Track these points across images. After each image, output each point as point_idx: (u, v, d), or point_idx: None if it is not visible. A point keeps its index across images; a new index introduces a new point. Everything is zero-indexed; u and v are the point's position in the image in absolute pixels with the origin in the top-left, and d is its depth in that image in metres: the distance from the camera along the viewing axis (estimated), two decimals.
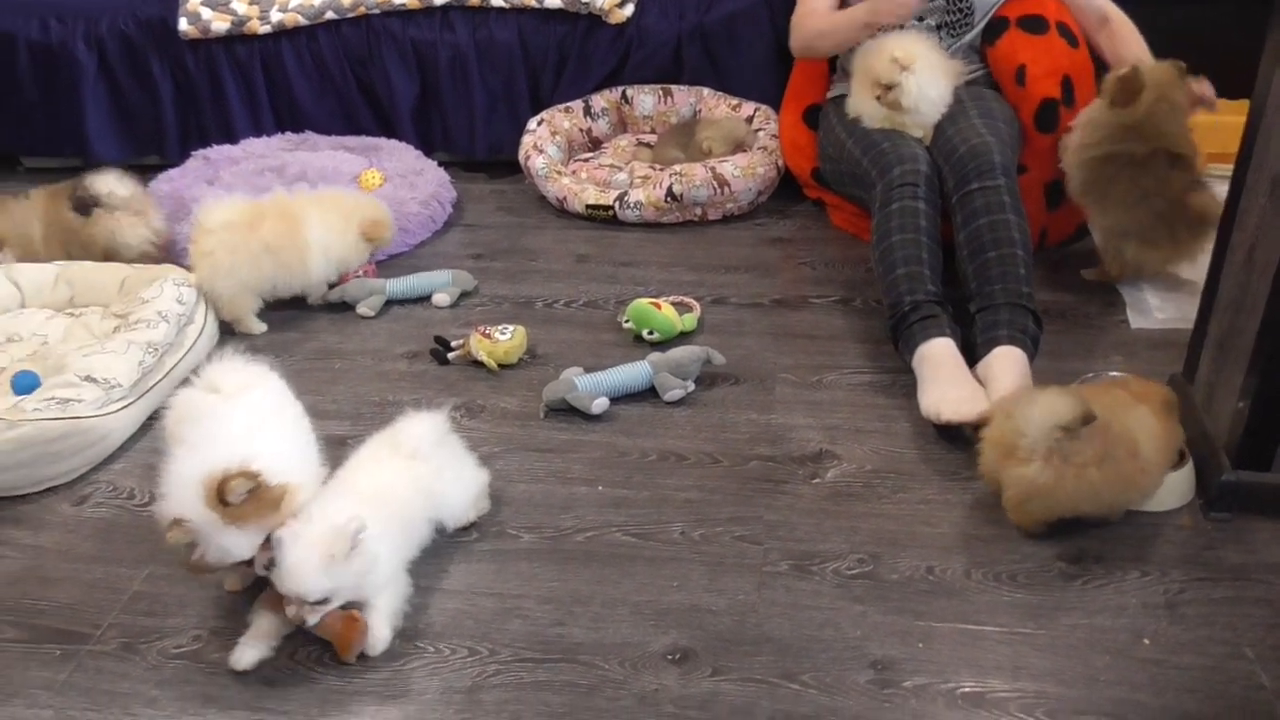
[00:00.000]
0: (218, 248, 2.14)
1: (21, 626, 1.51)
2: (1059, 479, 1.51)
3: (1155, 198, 2.09)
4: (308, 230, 2.22)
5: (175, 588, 1.56)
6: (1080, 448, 1.50)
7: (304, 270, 2.23)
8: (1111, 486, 1.54)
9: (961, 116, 2.18)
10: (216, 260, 2.14)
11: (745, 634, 1.44)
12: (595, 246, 2.56)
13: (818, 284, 2.35)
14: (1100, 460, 1.51)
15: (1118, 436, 1.53)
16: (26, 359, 2.03)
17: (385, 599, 1.44)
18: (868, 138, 2.24)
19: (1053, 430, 1.50)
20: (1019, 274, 1.95)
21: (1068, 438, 1.50)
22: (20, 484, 1.76)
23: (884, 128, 2.24)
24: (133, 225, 2.39)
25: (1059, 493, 1.52)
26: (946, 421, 1.77)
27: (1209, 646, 1.41)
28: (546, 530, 1.65)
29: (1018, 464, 1.54)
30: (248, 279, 2.18)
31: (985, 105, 2.22)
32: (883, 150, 2.17)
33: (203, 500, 1.34)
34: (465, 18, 2.88)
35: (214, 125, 3.01)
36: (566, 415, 1.92)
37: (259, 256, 2.17)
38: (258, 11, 2.90)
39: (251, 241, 2.15)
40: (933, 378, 1.84)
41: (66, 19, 2.94)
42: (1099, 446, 1.51)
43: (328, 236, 2.26)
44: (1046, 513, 1.56)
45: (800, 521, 1.65)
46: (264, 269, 2.18)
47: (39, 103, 3.02)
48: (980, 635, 1.43)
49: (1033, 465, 1.52)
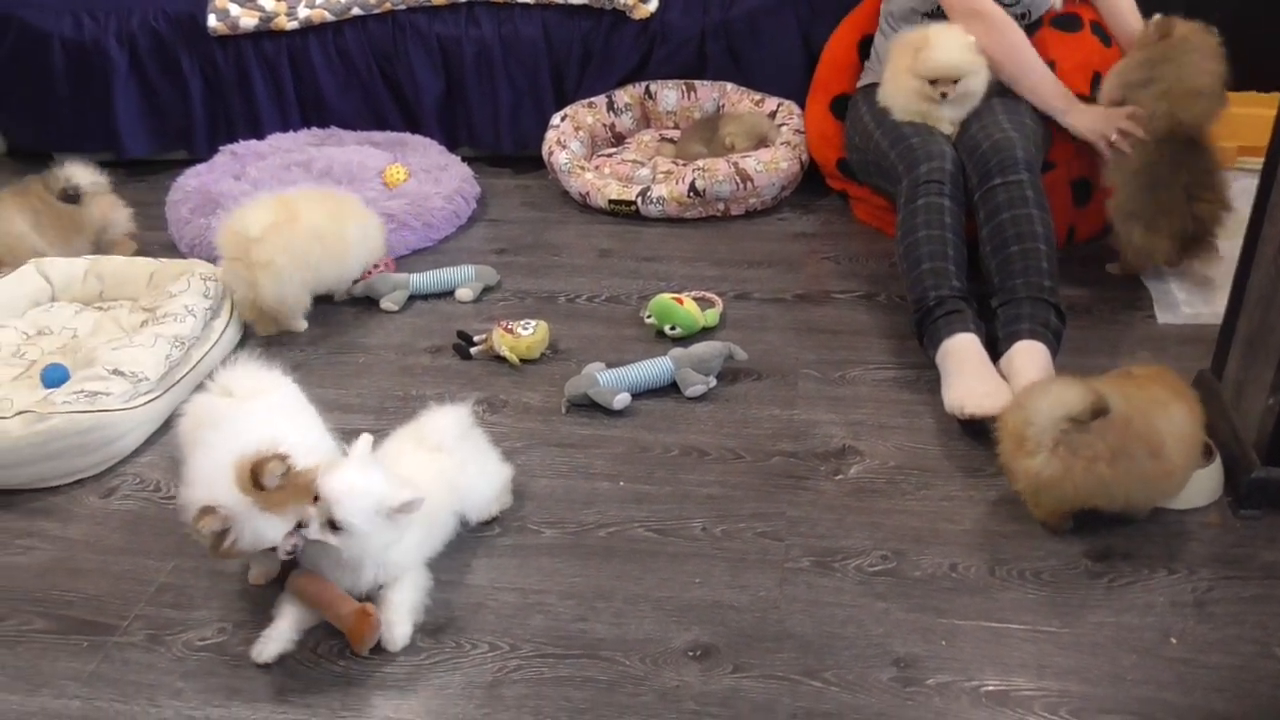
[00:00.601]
0: (274, 254, 2.08)
1: (50, 617, 1.53)
2: (1066, 471, 1.48)
3: (1163, 189, 2.07)
4: (348, 224, 2.23)
5: (201, 580, 1.58)
6: (1090, 441, 1.47)
7: (345, 259, 2.24)
8: (1125, 484, 1.50)
9: (987, 113, 2.16)
10: (278, 267, 2.09)
11: (767, 631, 1.44)
12: (618, 241, 2.56)
13: (841, 279, 2.34)
14: (1113, 456, 1.47)
15: (1138, 434, 1.49)
16: (56, 352, 2.06)
17: (405, 594, 1.45)
18: (896, 130, 2.22)
19: (1059, 421, 1.47)
20: (1041, 268, 1.93)
21: (1076, 429, 1.47)
22: (50, 476, 1.78)
23: (914, 121, 2.21)
24: (115, 207, 2.54)
25: (1066, 485, 1.49)
26: (970, 415, 1.75)
27: (1238, 645, 1.39)
28: (569, 525, 1.66)
29: (1025, 455, 1.51)
30: (304, 275, 2.16)
31: (1011, 102, 2.20)
32: (911, 145, 2.15)
33: (236, 485, 1.35)
34: (490, 13, 2.88)
35: (241, 120, 3.03)
36: (588, 410, 1.92)
37: (309, 247, 2.14)
38: (285, 8, 2.92)
39: (298, 236, 2.12)
40: (957, 372, 1.83)
41: (99, 16, 2.97)
42: (1113, 441, 1.47)
43: (362, 233, 2.27)
44: (1059, 506, 1.54)
45: (822, 518, 1.64)
46: (313, 258, 2.16)
47: (70, 99, 3.05)
48: (1004, 633, 1.42)
49: (1039, 457, 1.49)
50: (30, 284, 2.27)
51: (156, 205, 2.69)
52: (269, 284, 2.10)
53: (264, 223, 2.11)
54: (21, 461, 1.74)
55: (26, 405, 1.77)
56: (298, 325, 2.23)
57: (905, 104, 2.23)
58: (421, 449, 1.57)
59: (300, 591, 1.44)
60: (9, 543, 1.68)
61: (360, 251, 2.29)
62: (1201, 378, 1.78)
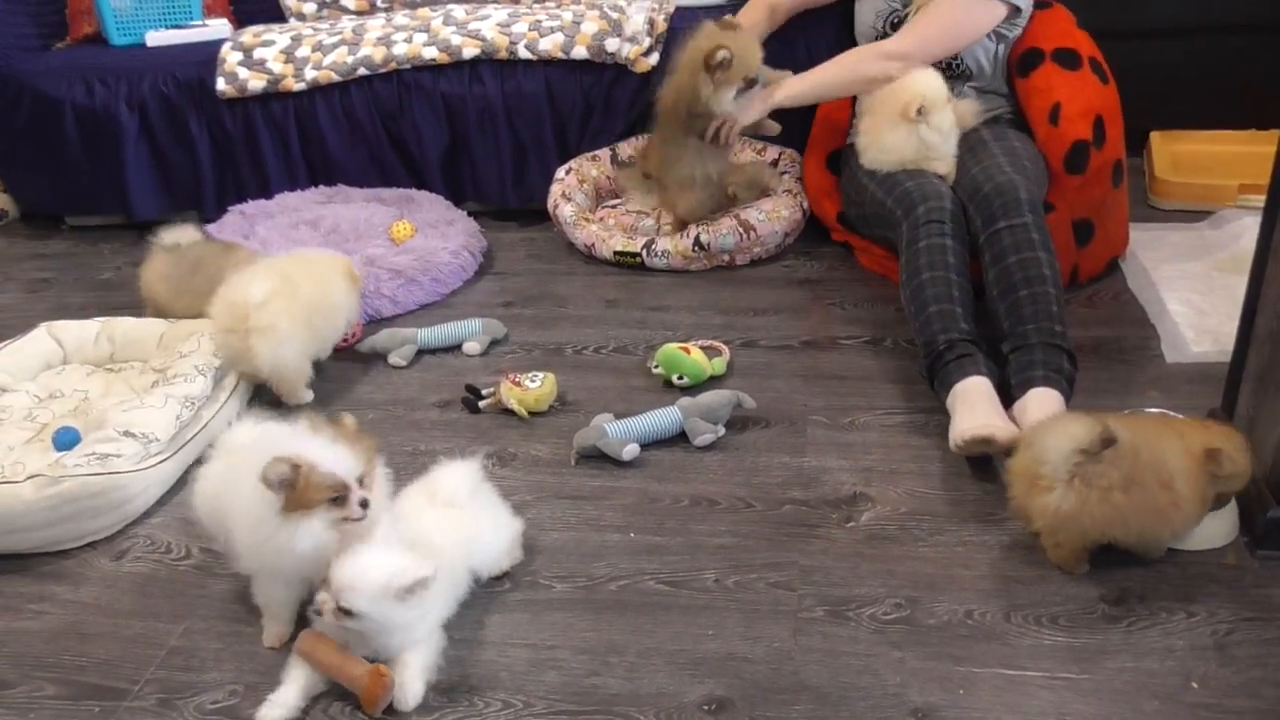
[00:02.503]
0: (275, 319, 2.07)
1: (62, 683, 1.52)
2: (1082, 503, 1.49)
3: None
4: (334, 288, 2.22)
5: (212, 643, 1.57)
6: (1103, 470, 1.48)
7: (335, 329, 2.23)
8: (1140, 513, 1.50)
9: (985, 154, 2.18)
10: (279, 331, 2.07)
11: (782, 682, 1.43)
12: (624, 291, 2.57)
13: (847, 324, 2.35)
14: (1126, 485, 1.48)
15: (1147, 463, 1.49)
16: (68, 415, 2.07)
17: (419, 654, 1.43)
18: (890, 179, 2.24)
19: (1072, 454, 1.48)
20: (1051, 311, 1.93)
21: (1089, 461, 1.48)
22: (62, 539, 1.78)
23: (906, 169, 2.24)
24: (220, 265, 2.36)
25: (1084, 518, 1.50)
26: (971, 438, 1.74)
27: (1262, 689, 1.37)
28: (579, 579, 1.65)
29: (1041, 493, 1.52)
30: (306, 342, 2.15)
31: (1008, 143, 2.22)
32: (907, 190, 2.17)
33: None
34: (493, 70, 2.93)
35: (250, 180, 3.07)
36: (598, 462, 1.92)
37: (310, 316, 2.14)
38: (292, 70, 2.97)
39: (297, 304, 2.11)
40: (967, 411, 1.83)
41: (109, 82, 3.03)
42: (1125, 470, 1.48)
43: (345, 299, 2.25)
44: (1078, 541, 1.54)
45: (835, 566, 1.63)
46: (315, 327, 2.16)
47: (82, 163, 3.10)
48: (1022, 680, 1.40)
49: (1055, 492, 1.50)
50: (42, 346, 2.28)
51: None
52: (267, 347, 2.06)
53: (267, 289, 2.07)
54: (34, 525, 1.75)
55: (38, 469, 1.78)
56: (303, 395, 2.18)
57: (896, 155, 2.26)
58: (433, 505, 1.57)
59: (309, 654, 1.43)
60: (21, 607, 1.68)
61: (346, 313, 2.26)
62: (1212, 416, 1.77)
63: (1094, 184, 2.30)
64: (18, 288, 2.92)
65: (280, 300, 2.09)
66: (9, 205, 3.41)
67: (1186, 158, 2.93)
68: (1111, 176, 2.33)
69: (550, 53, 2.89)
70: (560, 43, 2.88)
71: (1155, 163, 2.87)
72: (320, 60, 2.97)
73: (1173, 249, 2.52)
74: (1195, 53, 3.04)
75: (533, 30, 2.91)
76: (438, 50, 2.92)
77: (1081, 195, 2.27)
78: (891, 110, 2.25)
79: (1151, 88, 2.54)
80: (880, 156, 2.30)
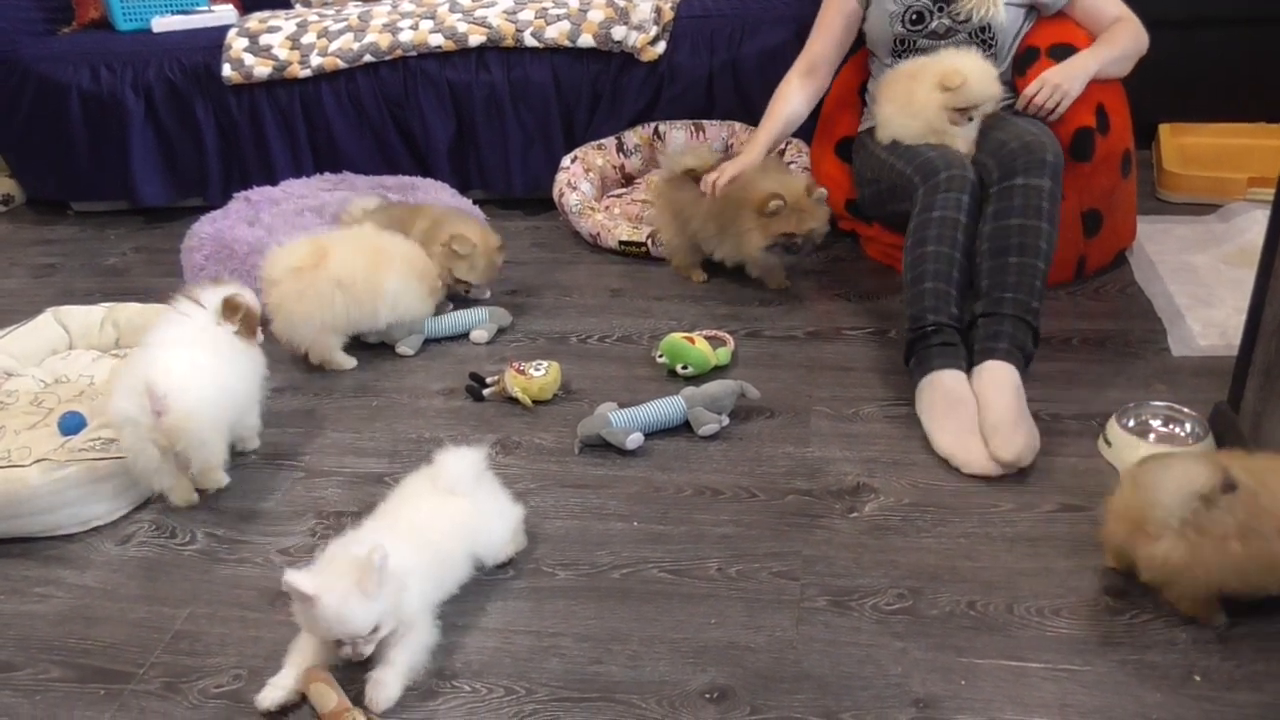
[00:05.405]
0: (284, 299, 2.13)
1: (68, 666, 1.53)
2: (1194, 553, 1.36)
3: None
4: (386, 275, 2.22)
5: (216, 627, 1.58)
6: (1219, 517, 1.35)
7: (373, 312, 2.23)
8: (1258, 563, 1.36)
9: (1009, 124, 2.16)
10: (289, 310, 2.14)
11: (784, 672, 1.43)
12: (629, 281, 2.57)
13: (852, 315, 2.34)
14: (1243, 533, 1.35)
15: (1265, 509, 1.35)
16: (73, 399, 2.08)
17: (403, 653, 1.43)
18: (912, 150, 2.20)
19: (1189, 499, 1.36)
20: (1034, 286, 1.92)
21: (1205, 508, 1.35)
22: (67, 524, 1.79)
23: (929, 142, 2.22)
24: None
25: (1197, 569, 1.37)
26: (969, 473, 1.78)
27: (1264, 682, 1.36)
28: (582, 567, 1.65)
29: (1147, 541, 1.40)
30: (324, 320, 2.18)
31: (1030, 120, 2.20)
32: (929, 158, 2.12)
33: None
34: (500, 58, 2.92)
35: (255, 167, 3.07)
36: (601, 451, 1.92)
37: (330, 294, 2.15)
38: (298, 56, 2.97)
39: (320, 281, 2.14)
40: (945, 414, 1.84)
41: (115, 67, 3.03)
42: (1241, 517, 1.35)
43: (402, 287, 2.25)
44: (1200, 591, 1.41)
45: (838, 556, 1.63)
46: (337, 306, 2.17)
47: (87, 149, 3.10)
48: (1025, 672, 1.40)
49: (1163, 542, 1.38)
50: (48, 332, 2.29)
51: (172, 252, 2.72)
52: (280, 324, 2.17)
53: (286, 266, 2.14)
54: (40, 510, 1.76)
55: (44, 453, 1.79)
56: (341, 363, 2.25)
57: (921, 130, 2.22)
58: (436, 492, 1.57)
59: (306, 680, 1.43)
60: (26, 590, 1.68)
61: (396, 305, 2.26)
62: (1219, 410, 1.77)
63: (1102, 172, 2.29)
64: (24, 273, 2.93)
65: (295, 280, 2.13)
66: (15, 190, 3.42)
67: (1195, 151, 2.92)
68: (1120, 166, 2.32)
69: (556, 40, 2.88)
70: (567, 30, 2.87)
71: (1164, 156, 2.86)
72: (326, 47, 2.97)
73: (1180, 242, 2.51)
74: (1204, 45, 3.03)
75: (539, 18, 2.90)
76: (444, 38, 2.91)
77: (1090, 184, 2.26)
78: (926, 80, 2.20)
79: (1160, 80, 2.53)
80: (908, 123, 2.23)
